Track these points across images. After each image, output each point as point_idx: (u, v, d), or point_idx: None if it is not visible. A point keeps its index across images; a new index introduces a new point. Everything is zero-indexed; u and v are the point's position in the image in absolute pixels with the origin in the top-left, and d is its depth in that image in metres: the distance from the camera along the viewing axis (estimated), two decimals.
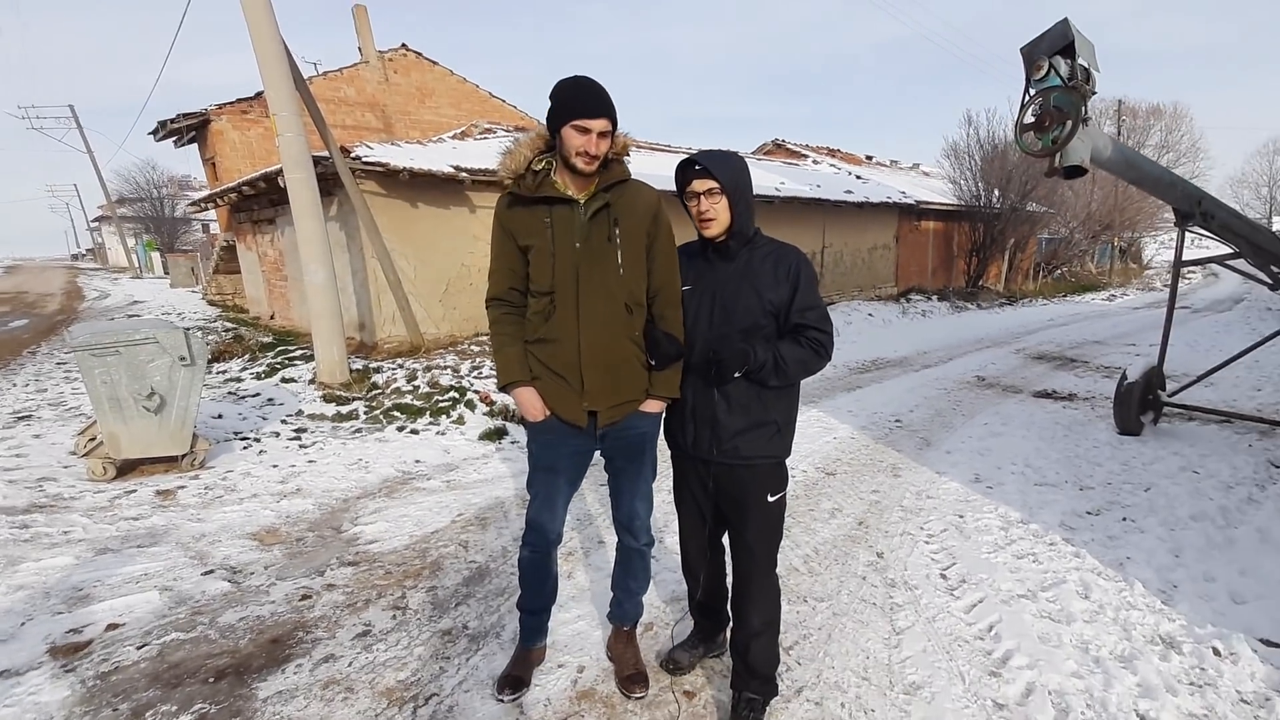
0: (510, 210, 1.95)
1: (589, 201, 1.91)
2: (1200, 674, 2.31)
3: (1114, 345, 9.60)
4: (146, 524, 3.44)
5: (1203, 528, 3.37)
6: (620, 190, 1.95)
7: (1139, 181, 4.12)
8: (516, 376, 2.00)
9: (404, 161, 7.60)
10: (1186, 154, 30.54)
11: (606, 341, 1.95)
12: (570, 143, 1.82)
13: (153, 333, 4.09)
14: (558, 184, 1.91)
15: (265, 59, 5.77)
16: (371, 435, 5.19)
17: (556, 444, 2.05)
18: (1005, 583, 2.91)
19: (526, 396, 2.00)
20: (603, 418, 2.00)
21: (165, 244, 30.67)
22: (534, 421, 2.03)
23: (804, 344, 1.87)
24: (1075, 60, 3.12)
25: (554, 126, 1.85)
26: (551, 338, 1.96)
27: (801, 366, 1.86)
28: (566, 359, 1.95)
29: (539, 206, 1.91)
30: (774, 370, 1.84)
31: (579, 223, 1.91)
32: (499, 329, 2.04)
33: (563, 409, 2.00)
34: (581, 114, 1.80)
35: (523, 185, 1.91)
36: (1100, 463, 4.45)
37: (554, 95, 1.84)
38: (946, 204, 15.64)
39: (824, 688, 2.25)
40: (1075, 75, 3.14)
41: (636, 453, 2.10)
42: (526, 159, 1.91)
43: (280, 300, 11.05)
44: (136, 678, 2.24)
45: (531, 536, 2.14)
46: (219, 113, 14.28)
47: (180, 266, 20.88)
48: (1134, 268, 25.66)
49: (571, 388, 1.97)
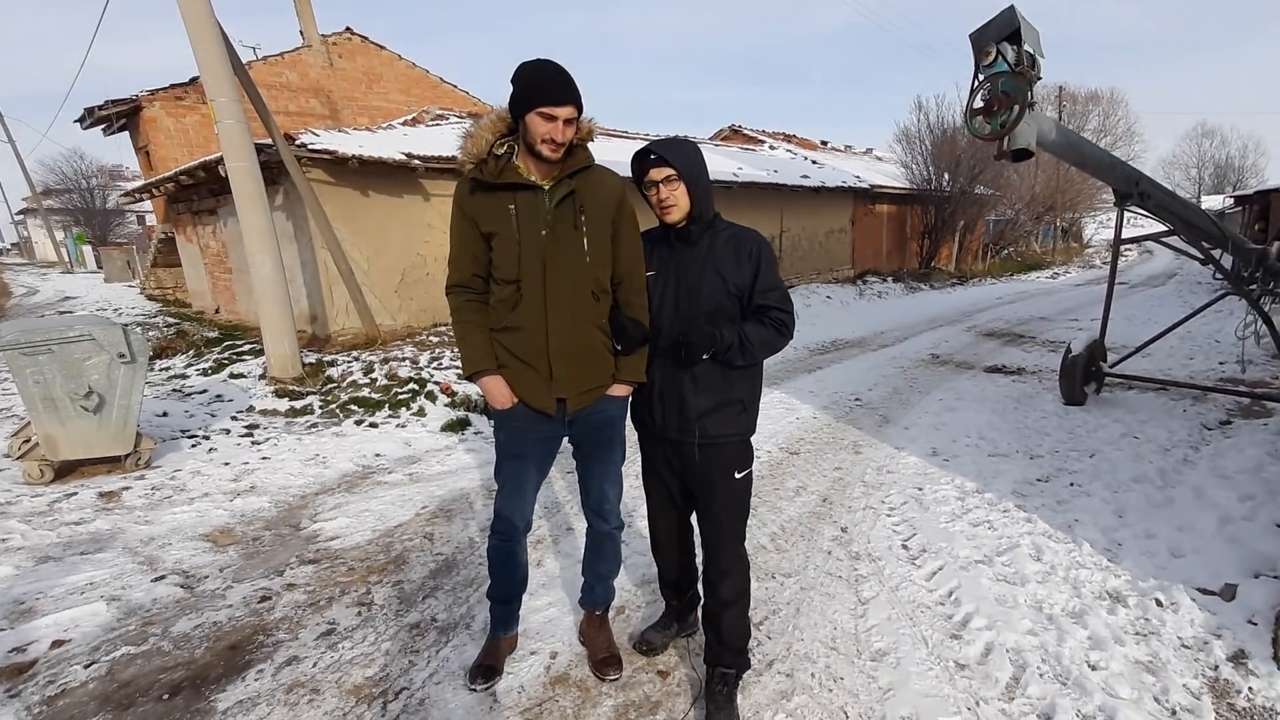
0: (472, 196, 1.90)
1: (554, 188, 1.88)
2: (1145, 624, 2.44)
3: (1058, 321, 10.00)
4: (90, 529, 3.27)
5: (1143, 489, 3.55)
6: (585, 176, 1.92)
7: (1081, 164, 4.28)
8: (483, 365, 1.97)
9: (352, 149, 7.36)
10: (1123, 137, 31.89)
11: (574, 329, 1.93)
12: (535, 130, 1.78)
13: (88, 329, 3.87)
14: (521, 170, 1.87)
15: (200, 42, 5.48)
16: (328, 430, 5.05)
17: (524, 431, 2.02)
18: (963, 550, 3.02)
19: (494, 385, 1.97)
20: (571, 404, 1.99)
21: (97, 237, 29.14)
22: (501, 410, 2.00)
23: (767, 324, 1.90)
24: (1021, 46, 3.21)
25: (518, 112, 1.80)
26: (518, 326, 1.93)
27: (766, 346, 1.90)
28: (534, 347, 1.93)
29: (502, 193, 1.86)
30: (740, 350, 1.87)
31: (544, 210, 1.87)
32: (462, 317, 1.99)
33: (531, 397, 1.97)
34: (547, 100, 1.75)
35: (485, 171, 1.85)
36: (1048, 432, 4.64)
37: (517, 79, 1.78)
38: (899, 188, 15.98)
39: (794, 659, 2.30)
40: (1022, 61, 3.22)
41: (605, 437, 2.10)
42: (488, 143, 1.85)
43: (225, 294, 10.62)
44: (85, 701, 2.10)
45: (500, 525, 2.11)
46: (151, 99, 13.53)
47: (115, 260, 19.85)
48: (1075, 246, 26.77)
49: (540, 375, 1.95)
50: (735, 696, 2.04)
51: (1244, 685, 2.12)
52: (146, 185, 11.03)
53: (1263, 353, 6.26)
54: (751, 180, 11.63)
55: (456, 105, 15.60)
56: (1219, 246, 4.83)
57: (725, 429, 1.97)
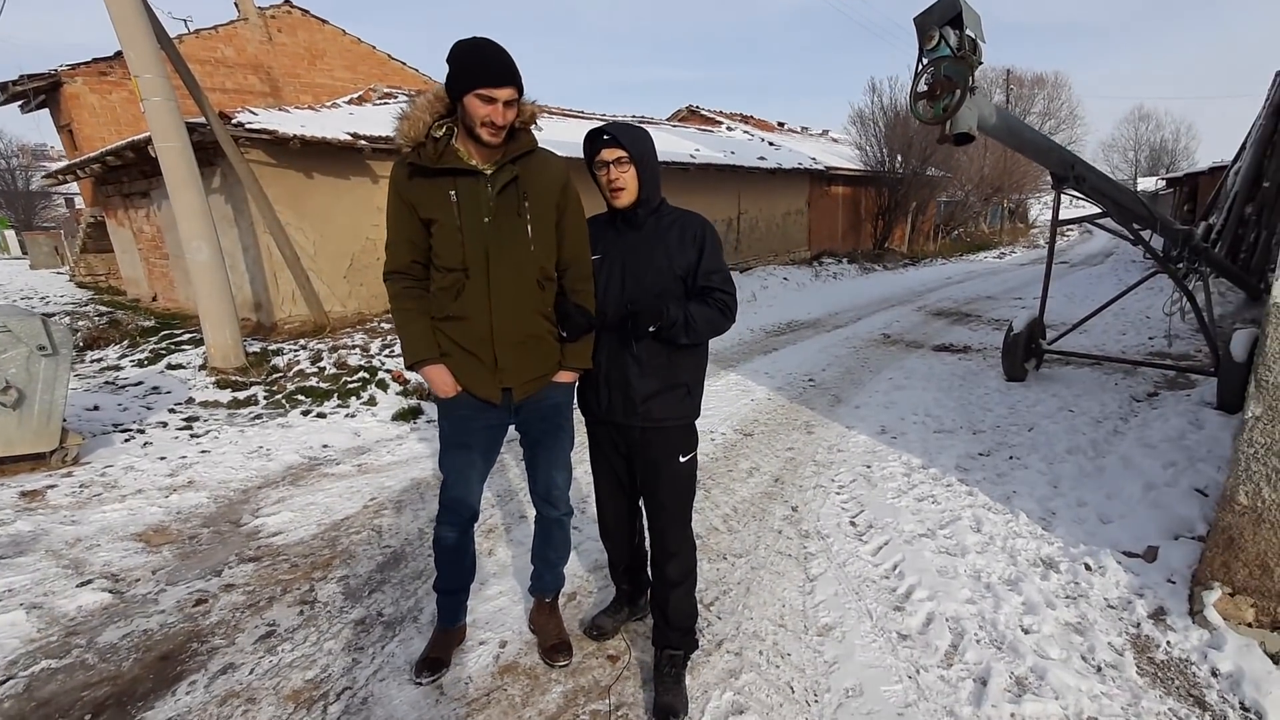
0: (410, 181, 1.82)
1: (496, 174, 1.82)
2: (1075, 588, 2.56)
3: (1003, 300, 10.34)
4: (9, 530, 3.08)
5: (1076, 460, 3.71)
6: (528, 161, 1.86)
7: (1020, 147, 4.39)
8: (424, 354, 1.91)
9: (294, 128, 7.04)
10: (1066, 120, 32.99)
11: (519, 318, 1.89)
12: (474, 112, 1.71)
13: (2, 321, 3.63)
14: (461, 153, 1.80)
15: (120, 13, 5.13)
16: (273, 421, 4.88)
17: (469, 420, 1.98)
18: (908, 524, 3.10)
19: (436, 374, 1.92)
20: (517, 393, 1.96)
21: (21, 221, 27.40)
22: (445, 399, 1.95)
23: (711, 304, 1.91)
24: (964, 31, 3.26)
25: (455, 93, 1.73)
26: (461, 315, 1.88)
27: (709, 325, 1.90)
28: (478, 336, 1.88)
29: (442, 178, 1.79)
30: (684, 328, 1.86)
31: (486, 196, 1.81)
32: (401, 304, 1.93)
33: (476, 386, 1.93)
34: (485, 82, 1.69)
35: (423, 154, 1.78)
36: (991, 408, 4.80)
37: (453, 59, 1.71)
38: (854, 169, 16.19)
39: (743, 638, 2.33)
40: (964, 46, 3.27)
41: (552, 424, 2.07)
42: (425, 124, 1.78)
43: (162, 280, 10.12)
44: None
45: (447, 516, 2.07)
46: (72, 74, 12.68)
47: (41, 245, 18.77)
48: (1021, 227, 27.69)
49: (484, 365, 1.91)
50: (683, 677, 2.06)
51: (1163, 640, 2.25)
52: (70, 166, 10.38)
53: (1187, 328, 6.59)
54: (708, 162, 11.60)
55: (406, 83, 15.08)
56: (1149, 227, 5.04)
57: (670, 413, 1.97)
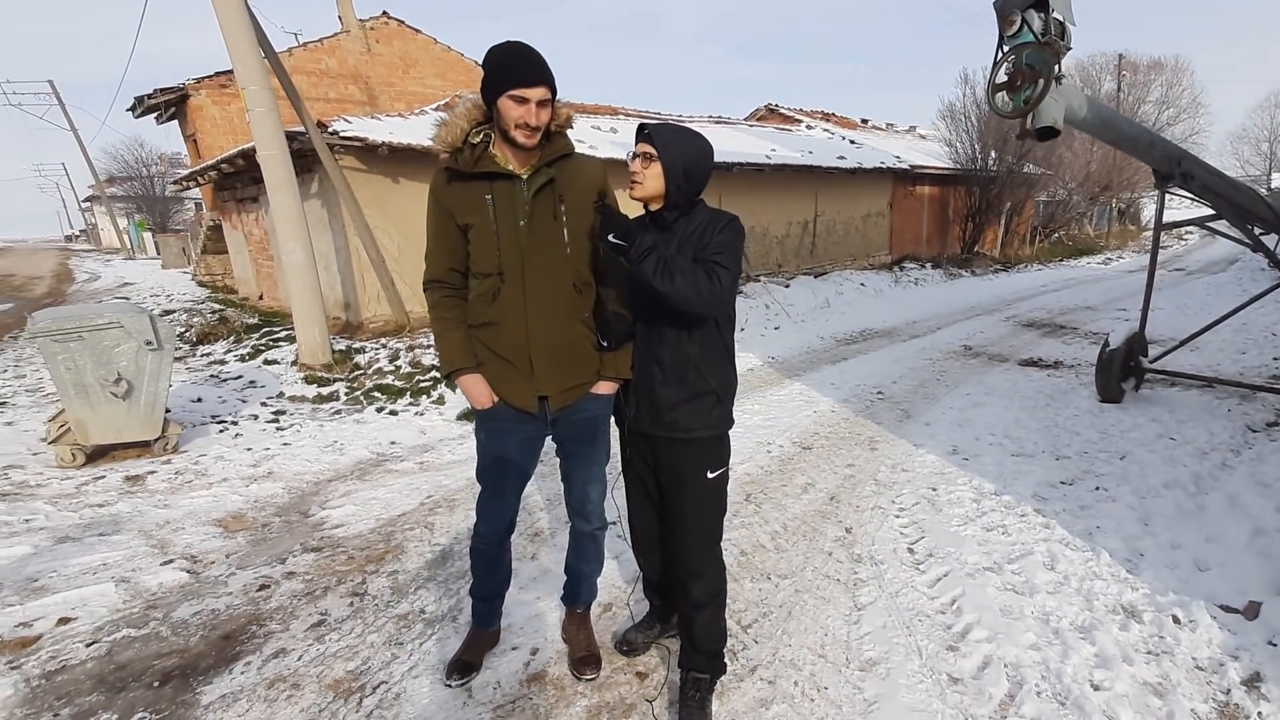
0: (448, 187, 1.86)
1: (532, 177, 1.84)
2: (1158, 642, 2.30)
3: (1105, 311, 9.51)
4: (111, 511, 3.42)
5: (1174, 495, 3.34)
6: (564, 165, 1.87)
7: (1117, 142, 4.01)
8: (461, 363, 1.94)
9: (383, 135, 7.42)
10: (1187, 109, 29.86)
11: (555, 323, 1.90)
12: (508, 114, 1.73)
13: (117, 317, 4.02)
14: (498, 158, 1.83)
15: (229, 27, 5.56)
16: (350, 417, 5.16)
17: (506, 431, 2.00)
18: (972, 556, 2.90)
19: (473, 384, 1.95)
20: (554, 402, 1.95)
21: (157, 224, 30.35)
22: (482, 409, 1.98)
23: (700, 266, 1.77)
24: (1049, 14, 2.98)
25: (490, 97, 1.76)
26: (497, 321, 1.89)
27: (689, 281, 1.70)
28: (514, 343, 1.89)
29: (478, 182, 1.82)
30: (657, 263, 1.69)
31: (522, 200, 1.83)
32: (439, 314, 1.97)
33: (512, 395, 1.94)
34: (518, 83, 1.71)
35: (460, 160, 1.82)
36: (1079, 431, 4.42)
37: (487, 64, 1.74)
38: (942, 168, 15.36)
39: (779, 665, 2.25)
40: (1049, 30, 3.00)
41: (588, 436, 2.06)
42: (463, 130, 1.82)
43: (268, 280, 10.93)
44: (82, 679, 2.19)
45: (482, 527, 2.10)
46: (197, 87, 13.92)
47: (171, 247, 20.65)
48: (1132, 229, 25.35)
49: (520, 372, 1.92)
50: (708, 703, 2.00)
51: (1254, 711, 1.98)
52: (192, 173, 11.42)
53: None
54: (784, 162, 11.33)
55: None
56: (1273, 230, 4.48)
57: (698, 423, 1.90)
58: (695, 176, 1.85)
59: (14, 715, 2.04)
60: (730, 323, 1.94)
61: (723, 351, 1.93)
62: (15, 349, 8.10)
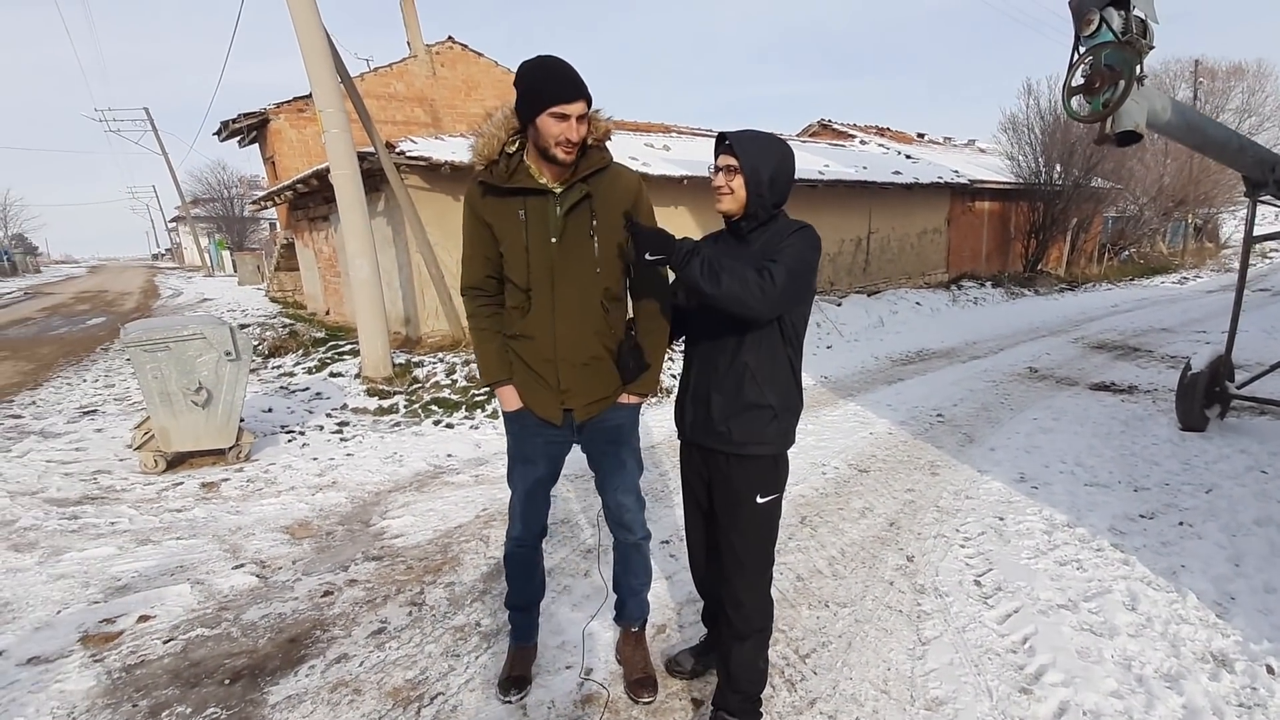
0: (484, 200, 1.87)
1: (565, 193, 1.84)
2: (1251, 694, 2.13)
3: (1182, 333, 8.97)
4: (188, 516, 3.60)
5: (1267, 533, 3.10)
6: (599, 179, 1.86)
7: (1203, 147, 3.78)
8: (498, 375, 1.99)
9: (446, 155, 7.68)
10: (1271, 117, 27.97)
11: (582, 339, 1.91)
12: (548, 132, 1.72)
13: (200, 329, 4.26)
14: (532, 171, 1.84)
15: (310, 54, 5.86)
16: (409, 429, 5.31)
17: (531, 435, 2.02)
18: (1045, 592, 2.75)
19: (508, 395, 2.00)
20: (579, 414, 1.97)
21: (235, 243, 32.14)
22: (509, 412, 2.02)
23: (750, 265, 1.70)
24: (1130, 11, 2.82)
25: (528, 116, 1.75)
26: (528, 334, 1.93)
27: (736, 280, 1.64)
28: (543, 356, 1.92)
29: (512, 198, 1.83)
30: (702, 265, 1.65)
31: (554, 216, 1.84)
32: (477, 324, 2.01)
33: (538, 406, 1.97)
34: (558, 99, 1.70)
35: (495, 172, 1.82)
36: (1159, 461, 4.16)
37: (521, 82, 1.74)
38: (1003, 182, 14.88)
39: (839, 700, 2.17)
40: (1130, 29, 2.82)
41: (613, 444, 2.06)
42: (500, 141, 1.82)
43: (335, 296, 11.41)
44: (159, 674, 2.32)
45: (515, 531, 2.12)
46: (277, 111, 14.76)
47: (247, 264, 21.80)
48: (1209, 247, 23.83)
49: (547, 385, 1.94)
50: None
51: None
52: (269, 194, 12.08)
53: None
54: (837, 178, 11.20)
55: None
56: None
57: (753, 437, 1.84)
58: (779, 185, 1.81)
59: (96, 705, 2.17)
60: (798, 336, 1.87)
61: (785, 365, 1.86)
62: (106, 359, 8.68)
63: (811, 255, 1.78)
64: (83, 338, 10.80)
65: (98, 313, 14.91)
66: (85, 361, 8.57)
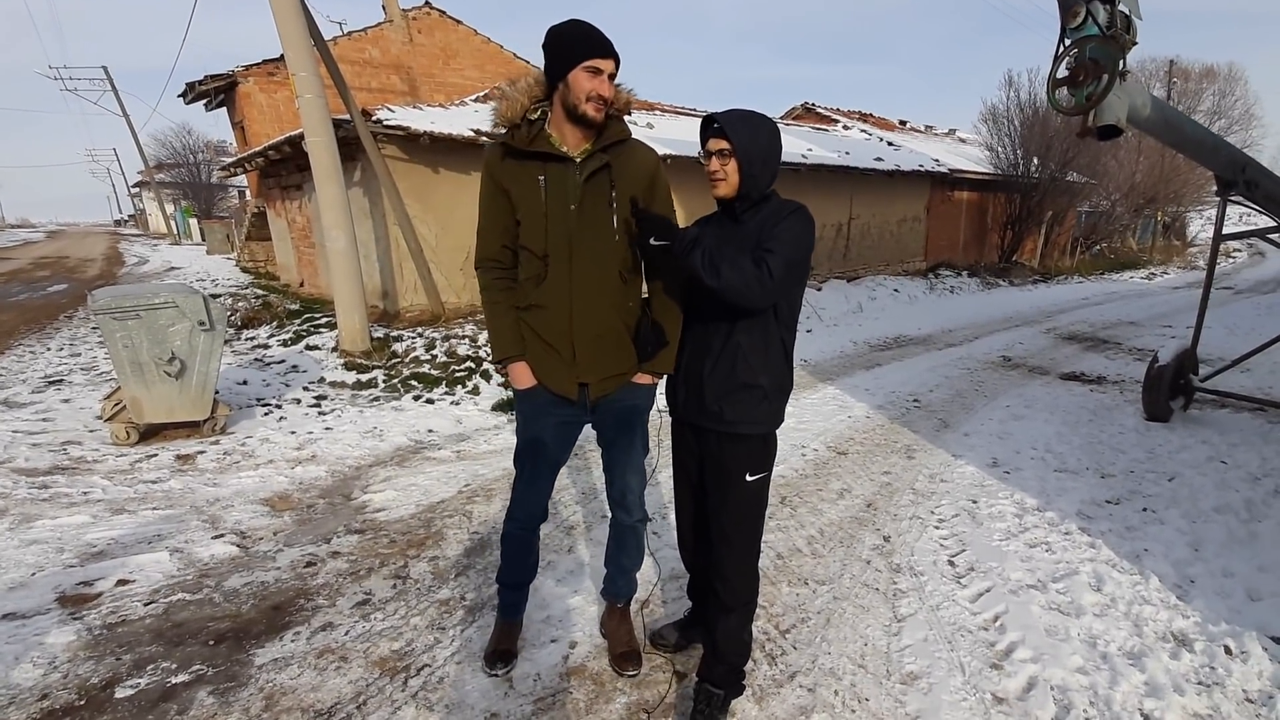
0: (503, 163, 1.85)
1: (586, 161, 1.82)
2: (1209, 673, 2.24)
3: (1149, 327, 9.25)
4: (164, 487, 3.53)
5: (1225, 521, 3.24)
6: (619, 150, 1.85)
7: (1179, 145, 3.86)
8: (511, 350, 1.95)
9: (425, 125, 7.48)
10: (1240, 120, 28.72)
11: (599, 310, 1.89)
12: (580, 87, 1.71)
13: (172, 297, 4.14)
14: (553, 138, 1.82)
15: (282, 14, 5.64)
16: (388, 404, 5.25)
17: (543, 414, 2.00)
18: (1015, 572, 2.85)
19: (520, 371, 1.96)
20: (594, 390, 1.96)
21: (202, 210, 31.09)
22: (521, 389, 1.99)
23: (749, 256, 1.72)
24: (1115, 6, 2.87)
25: (560, 71, 1.73)
26: (543, 304, 1.89)
27: (735, 272, 1.68)
28: (558, 328, 1.90)
29: (532, 162, 1.81)
30: (703, 257, 1.69)
31: (574, 183, 1.82)
32: (490, 296, 1.97)
33: (552, 380, 1.95)
34: (594, 53, 1.69)
35: (517, 136, 1.80)
36: (1125, 450, 4.31)
37: (555, 40, 1.72)
38: (982, 173, 15.06)
39: (818, 674, 2.24)
40: (1115, 23, 2.86)
41: (627, 425, 2.06)
42: (524, 106, 1.80)
43: (309, 267, 11.15)
44: (141, 632, 2.33)
45: (517, 512, 2.11)
46: (245, 74, 14.23)
47: (215, 233, 21.14)
48: (1177, 245, 24.50)
49: (562, 358, 1.92)
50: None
51: None
52: (238, 160, 11.69)
53: None
54: (820, 162, 11.22)
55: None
56: None
57: (744, 416, 1.86)
58: (770, 164, 1.81)
59: (78, 656, 2.19)
60: (792, 316, 1.89)
61: (777, 346, 1.87)
62: (70, 328, 8.40)
63: (808, 239, 1.80)
64: (44, 305, 10.42)
65: (59, 279, 14.37)
66: (48, 330, 8.28)
